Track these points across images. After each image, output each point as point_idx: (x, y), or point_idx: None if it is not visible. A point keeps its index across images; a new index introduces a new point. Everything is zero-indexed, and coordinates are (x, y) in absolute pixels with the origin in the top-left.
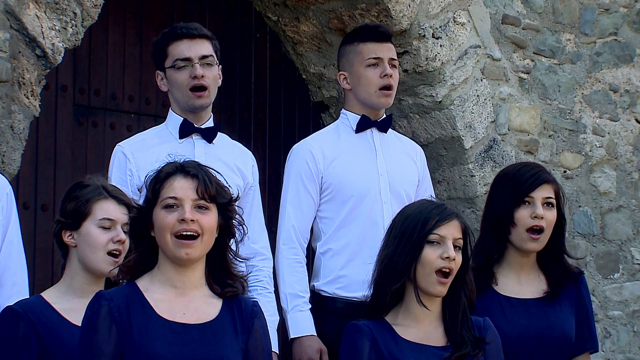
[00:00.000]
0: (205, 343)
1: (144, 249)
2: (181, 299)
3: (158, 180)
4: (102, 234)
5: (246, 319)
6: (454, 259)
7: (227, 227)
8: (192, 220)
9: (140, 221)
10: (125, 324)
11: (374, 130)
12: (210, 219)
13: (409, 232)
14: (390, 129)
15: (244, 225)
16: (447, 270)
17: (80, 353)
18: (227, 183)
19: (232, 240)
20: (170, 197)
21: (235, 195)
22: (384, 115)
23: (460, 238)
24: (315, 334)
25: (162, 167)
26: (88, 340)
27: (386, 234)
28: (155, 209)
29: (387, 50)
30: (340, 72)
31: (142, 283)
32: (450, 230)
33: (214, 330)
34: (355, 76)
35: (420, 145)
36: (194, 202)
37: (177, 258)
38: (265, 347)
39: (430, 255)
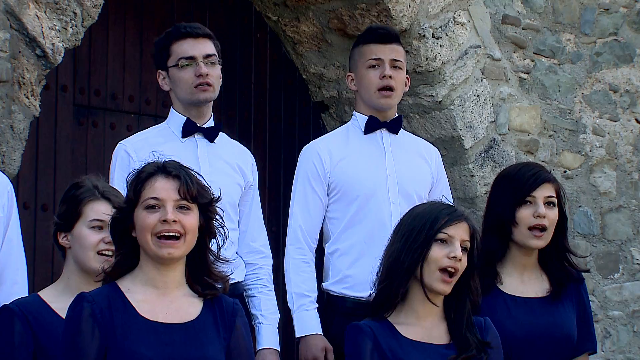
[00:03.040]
0: (187, 343)
1: (125, 251)
2: (163, 299)
3: (139, 181)
4: (92, 235)
5: (227, 317)
6: (460, 260)
7: (208, 228)
8: (174, 221)
9: (121, 222)
10: (107, 325)
11: (384, 131)
12: (192, 219)
13: (418, 230)
14: (404, 130)
15: (224, 227)
16: (452, 270)
17: (63, 356)
18: (206, 183)
19: (212, 241)
20: (152, 198)
21: (216, 196)
22: (394, 116)
23: (467, 240)
24: (321, 333)
25: (143, 167)
26: (71, 343)
27: (393, 233)
28: (136, 209)
29: (389, 52)
30: (348, 74)
31: (124, 284)
32: (459, 232)
33: (196, 330)
34: (358, 77)
35: None
36: (175, 202)
37: (159, 257)
38: (248, 344)
39: (437, 253)
